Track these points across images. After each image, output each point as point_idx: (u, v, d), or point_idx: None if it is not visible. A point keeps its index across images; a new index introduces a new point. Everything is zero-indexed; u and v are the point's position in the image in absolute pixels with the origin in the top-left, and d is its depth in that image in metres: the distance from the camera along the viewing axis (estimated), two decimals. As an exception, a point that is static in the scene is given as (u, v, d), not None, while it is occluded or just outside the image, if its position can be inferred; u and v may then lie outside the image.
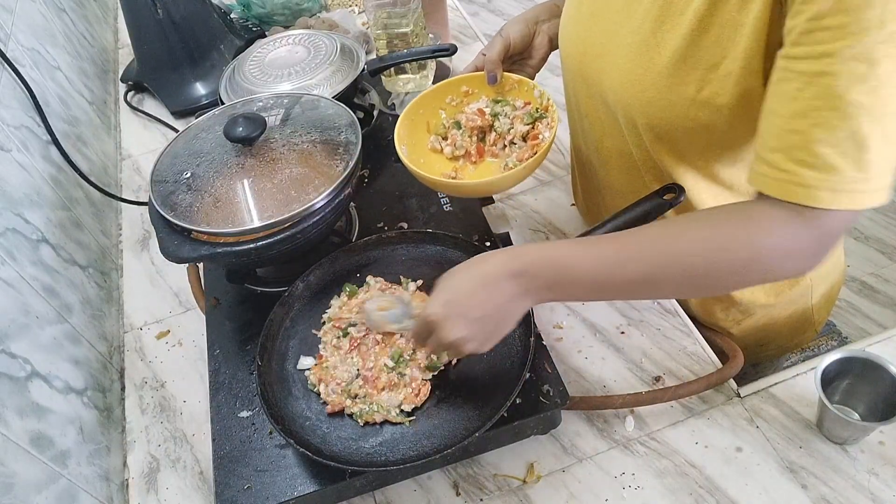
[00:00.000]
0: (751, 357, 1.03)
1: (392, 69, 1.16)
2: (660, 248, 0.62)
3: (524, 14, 0.92)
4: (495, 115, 0.89)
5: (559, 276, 0.63)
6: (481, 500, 0.76)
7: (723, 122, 0.70)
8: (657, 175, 0.81)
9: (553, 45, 0.92)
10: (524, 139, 0.88)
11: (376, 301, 0.79)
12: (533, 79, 0.92)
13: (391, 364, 0.77)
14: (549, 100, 0.87)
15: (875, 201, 0.58)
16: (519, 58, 0.93)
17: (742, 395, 0.81)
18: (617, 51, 0.75)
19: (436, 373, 0.76)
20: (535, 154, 0.83)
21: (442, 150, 0.92)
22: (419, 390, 0.75)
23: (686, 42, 0.67)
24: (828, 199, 0.57)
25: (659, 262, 0.62)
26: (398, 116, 0.89)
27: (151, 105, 1.38)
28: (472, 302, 0.63)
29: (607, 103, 0.79)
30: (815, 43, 0.56)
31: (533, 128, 0.87)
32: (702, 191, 0.81)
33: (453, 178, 0.89)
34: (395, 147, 0.86)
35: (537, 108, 0.88)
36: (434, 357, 0.76)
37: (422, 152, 0.92)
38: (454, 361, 0.77)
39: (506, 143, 0.90)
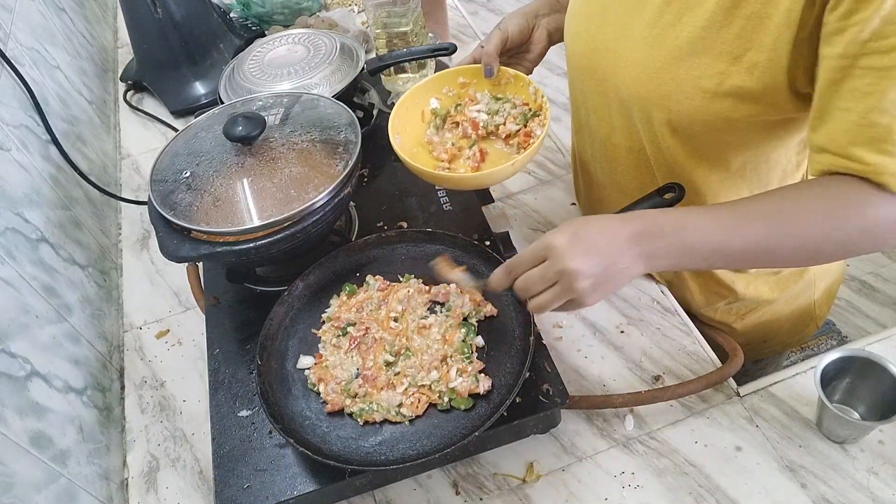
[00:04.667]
0: (753, 353, 1.03)
1: (392, 68, 1.16)
2: (773, 216, 0.64)
3: (524, 8, 0.92)
4: (495, 112, 0.89)
5: (676, 241, 0.64)
6: (481, 499, 0.76)
7: (741, 114, 0.70)
8: (667, 170, 0.81)
9: (552, 39, 0.92)
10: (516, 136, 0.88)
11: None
12: (531, 73, 0.91)
13: (391, 359, 0.77)
14: (543, 97, 0.87)
15: None
16: (517, 51, 0.93)
17: (742, 395, 0.81)
18: (631, 44, 0.75)
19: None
20: (527, 151, 0.83)
21: (433, 150, 0.91)
22: (419, 399, 0.74)
23: (707, 34, 0.67)
24: None
25: (773, 230, 0.64)
26: None
27: (151, 104, 1.38)
28: (595, 243, 0.63)
29: (621, 98, 0.79)
30: (883, 38, 0.58)
31: (525, 126, 0.87)
32: (713, 182, 0.81)
33: (447, 168, 0.89)
34: (391, 143, 0.86)
35: (530, 108, 0.88)
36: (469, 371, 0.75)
37: (416, 142, 0.92)
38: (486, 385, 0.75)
39: (500, 138, 0.90)
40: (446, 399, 0.74)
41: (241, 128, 0.82)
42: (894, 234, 0.65)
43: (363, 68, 1.09)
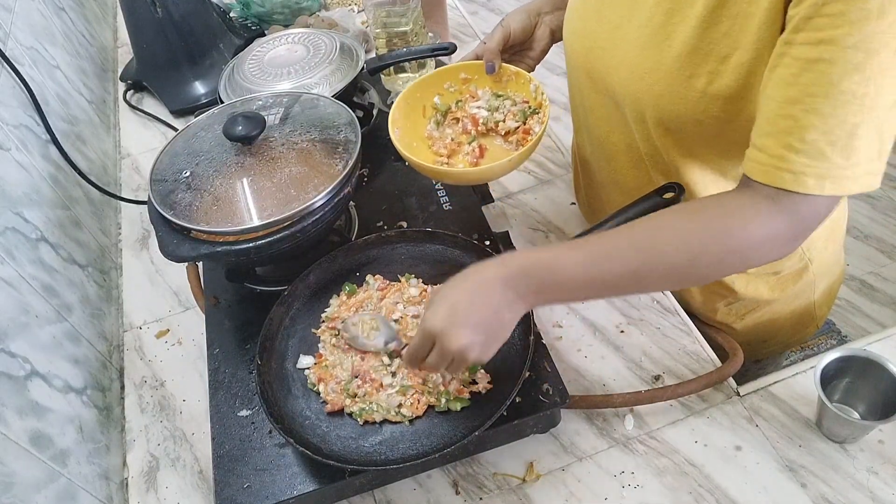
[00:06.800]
0: (753, 353, 1.03)
1: (391, 68, 1.16)
2: (641, 245, 0.64)
3: (526, 5, 0.92)
4: (495, 109, 0.90)
5: (548, 278, 0.64)
6: (481, 498, 0.76)
7: (733, 115, 0.70)
8: (664, 169, 0.81)
9: (554, 37, 0.92)
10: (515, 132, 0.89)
11: (358, 318, 0.79)
12: (533, 70, 0.92)
13: (387, 361, 0.76)
14: (543, 95, 0.87)
15: (860, 187, 0.59)
16: (519, 49, 0.93)
17: (741, 394, 0.81)
18: (624, 45, 0.75)
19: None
20: (524, 147, 0.83)
21: (433, 145, 0.92)
22: (419, 399, 0.74)
23: (696, 34, 0.67)
24: (813, 185, 0.59)
25: (641, 258, 0.63)
26: None
27: (151, 104, 1.38)
28: (470, 309, 0.63)
29: (615, 98, 0.79)
30: (815, 29, 0.57)
31: (524, 123, 0.87)
32: (708, 184, 0.81)
33: (445, 164, 0.89)
34: (390, 138, 0.86)
35: (530, 106, 0.89)
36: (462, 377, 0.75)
37: (416, 137, 0.92)
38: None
39: (499, 134, 0.91)
40: (443, 400, 0.74)
41: (240, 127, 0.82)
42: (764, 253, 0.63)
43: (363, 68, 1.08)
